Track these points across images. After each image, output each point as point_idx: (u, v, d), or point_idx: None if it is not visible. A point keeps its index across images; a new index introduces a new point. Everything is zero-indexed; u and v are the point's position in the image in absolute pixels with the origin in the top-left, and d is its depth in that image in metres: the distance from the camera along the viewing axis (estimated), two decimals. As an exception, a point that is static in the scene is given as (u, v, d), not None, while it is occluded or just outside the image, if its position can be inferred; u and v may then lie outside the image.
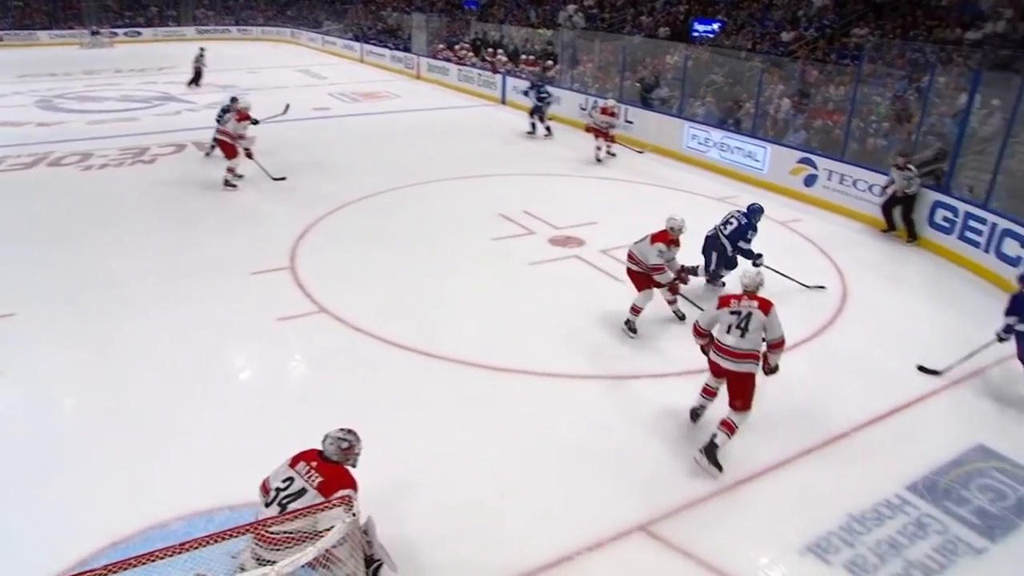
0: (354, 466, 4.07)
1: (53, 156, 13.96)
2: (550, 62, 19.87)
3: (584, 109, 16.76)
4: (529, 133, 16.17)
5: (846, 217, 11.15)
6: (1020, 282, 6.60)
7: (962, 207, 9.55)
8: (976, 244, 9.25)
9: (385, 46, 27.02)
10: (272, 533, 3.56)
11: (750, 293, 5.49)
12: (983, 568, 4.60)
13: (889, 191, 10.36)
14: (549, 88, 16.62)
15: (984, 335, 7.24)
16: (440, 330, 7.30)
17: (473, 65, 22.08)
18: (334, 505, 3.46)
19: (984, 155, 10.53)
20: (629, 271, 7.41)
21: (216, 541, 3.23)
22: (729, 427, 5.39)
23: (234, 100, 12.35)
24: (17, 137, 15.47)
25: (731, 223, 8.24)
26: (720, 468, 5.33)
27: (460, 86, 21.58)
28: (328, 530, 3.35)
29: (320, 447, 4.02)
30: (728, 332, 5.40)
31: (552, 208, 10.95)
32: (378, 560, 4.17)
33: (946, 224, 9.77)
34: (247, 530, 3.25)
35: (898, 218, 10.44)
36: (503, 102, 19.99)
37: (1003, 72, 12.08)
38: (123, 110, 18.58)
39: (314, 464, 3.94)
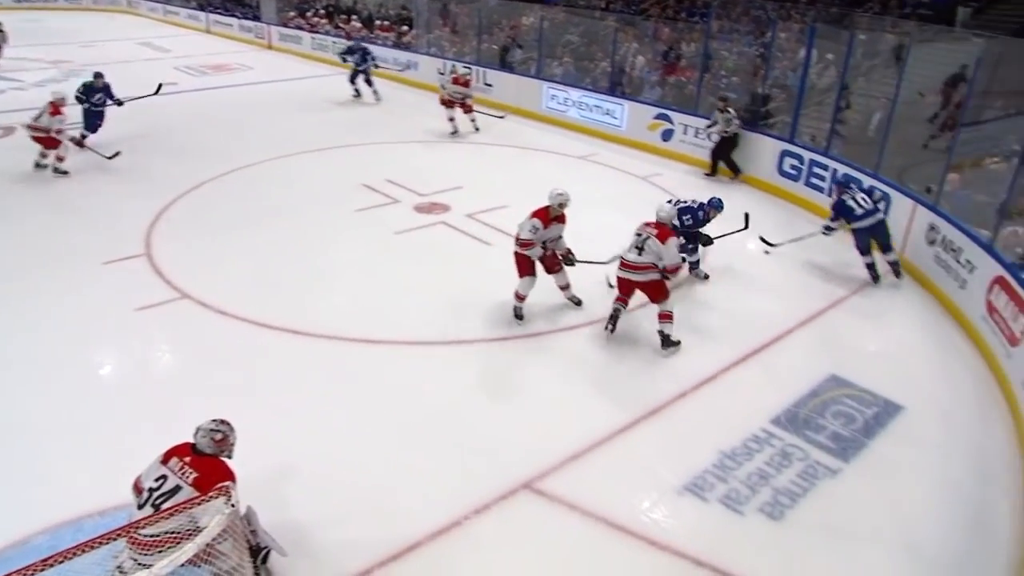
0: (230, 457, 3.91)
1: None
2: (405, 27, 19.47)
3: (442, 74, 16.56)
4: (355, 97, 15.93)
5: (702, 168, 11.59)
6: (837, 188, 8.31)
7: (807, 155, 10.13)
8: (821, 189, 9.85)
9: (232, 15, 25.65)
10: (147, 536, 3.37)
11: (656, 222, 6.45)
12: (839, 487, 4.98)
13: (714, 132, 11.14)
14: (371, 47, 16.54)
15: (829, 270, 7.82)
16: (311, 307, 7.09)
17: (327, 33, 21.33)
18: (212, 498, 3.30)
19: (823, 106, 11.22)
20: (515, 253, 6.89)
21: (85, 551, 3.01)
22: (665, 316, 6.41)
23: (98, 76, 11.79)
24: None
25: (687, 215, 7.74)
26: (678, 343, 6.45)
27: (315, 55, 20.83)
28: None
29: (192, 440, 3.84)
30: (630, 251, 6.39)
31: (416, 175, 10.81)
32: (265, 547, 4.05)
33: (793, 172, 10.34)
34: (119, 534, 3.04)
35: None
36: (360, 70, 19.47)
37: (836, 27, 12.82)
38: (-67, 91, 16.76)
39: (187, 459, 3.76)
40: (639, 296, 6.55)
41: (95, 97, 11.76)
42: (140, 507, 3.68)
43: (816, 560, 4.44)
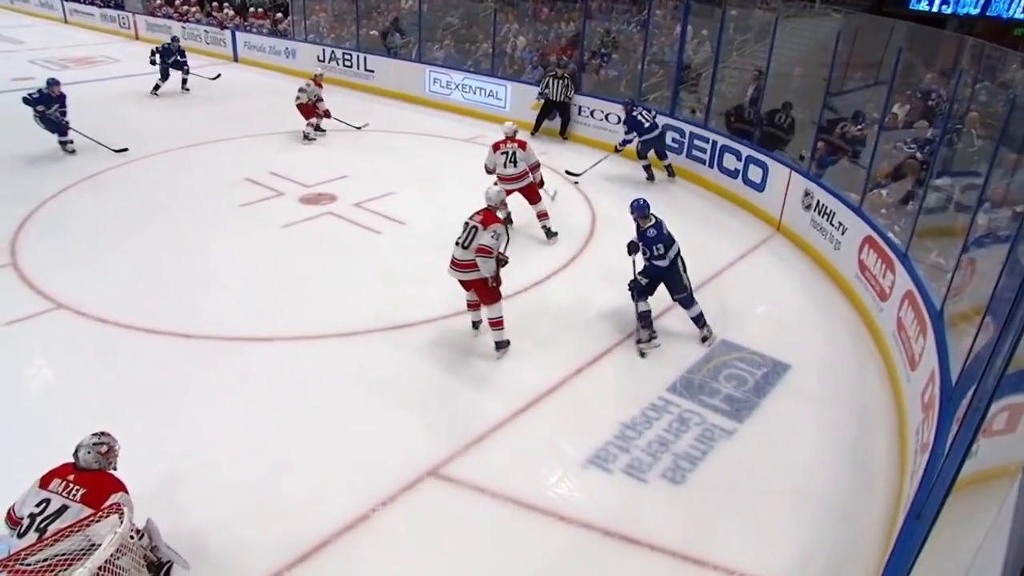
0: (115, 469, 3.70)
1: None
2: (280, 14, 18.82)
3: (322, 60, 16.14)
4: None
5: (588, 146, 11.73)
6: (626, 107, 10.04)
7: (688, 128, 10.39)
8: (703, 161, 10.14)
9: (93, 3, 24.08)
10: (35, 564, 3.13)
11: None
12: (735, 446, 5.15)
13: (545, 94, 11.98)
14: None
15: (715, 240, 8.05)
16: (198, 308, 6.74)
17: (199, 22, 20.37)
18: (105, 515, 3.09)
19: (700, 80, 11.56)
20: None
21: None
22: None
23: (52, 83, 10.78)
24: None
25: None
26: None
27: (186, 45, 19.72)
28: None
29: (73, 459, 3.61)
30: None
31: (300, 166, 10.48)
32: (168, 562, 3.85)
33: (675, 145, 10.60)
34: (16, 559, 2.80)
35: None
36: (236, 60, 18.72)
37: (710, 4, 13.19)
38: None
39: (71, 478, 3.56)
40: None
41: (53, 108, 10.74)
42: (22, 535, 3.42)
43: (719, 518, 4.57)
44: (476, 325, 6.39)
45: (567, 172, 10.40)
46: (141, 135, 11.80)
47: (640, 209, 6.28)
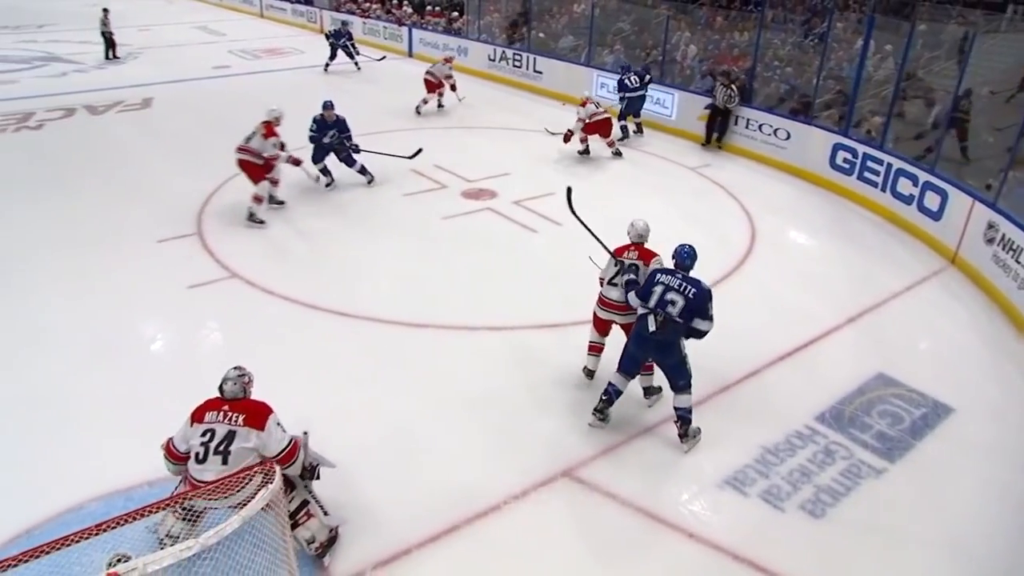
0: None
1: (-74, 125, 12.96)
2: (456, 13, 19.50)
3: (492, 60, 16.60)
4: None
5: (754, 161, 11.44)
6: (622, 70, 12.00)
7: (861, 148, 9.92)
8: (875, 184, 9.64)
9: (286, 0, 25.97)
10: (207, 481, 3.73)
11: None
12: (884, 487, 4.89)
13: (713, 102, 11.84)
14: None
15: (881, 268, 7.66)
16: (356, 289, 7.19)
17: (378, 18, 21.47)
18: (256, 472, 3.39)
19: (880, 98, 10.97)
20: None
21: (136, 518, 3.15)
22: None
23: (327, 107, 9.95)
24: None
25: None
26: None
27: (365, 40, 20.95)
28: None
29: (219, 393, 4.07)
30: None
31: (464, 161, 10.86)
32: (316, 464, 4.28)
33: (846, 165, 10.13)
34: (167, 504, 3.17)
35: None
36: (410, 55, 19.57)
37: (895, 18, 12.50)
38: (1, 72, 17.32)
39: (225, 408, 4.00)
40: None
41: (328, 135, 9.73)
42: (201, 461, 3.90)
43: (857, 559, 4.37)
44: (592, 374, 5.93)
45: (546, 129, 12.34)
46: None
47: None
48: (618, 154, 11.57)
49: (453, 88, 14.15)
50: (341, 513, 4.45)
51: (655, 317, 4.99)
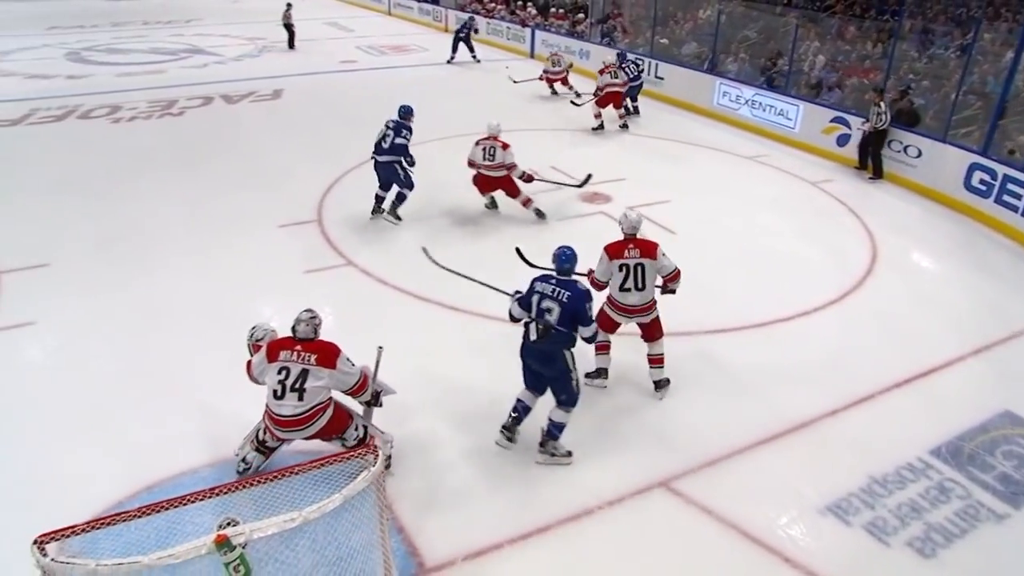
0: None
1: (83, 109, 14.02)
2: (581, 15, 19.51)
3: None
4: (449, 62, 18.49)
5: (905, 188, 10.82)
6: (619, 57, 12.77)
7: (1001, 170, 9.31)
8: (1014, 208, 9.03)
9: (413, -1, 26.70)
10: (288, 416, 4.40)
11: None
12: (1005, 534, 4.58)
13: (865, 127, 10.82)
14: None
15: (1013, 300, 7.18)
16: (463, 282, 7.28)
17: (503, 18, 21.75)
18: (360, 455, 3.50)
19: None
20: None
21: (245, 487, 3.33)
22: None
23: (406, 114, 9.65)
24: (47, 90, 15.54)
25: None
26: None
27: (488, 39, 21.27)
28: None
29: (292, 333, 4.49)
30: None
31: (580, 164, 10.80)
32: (379, 391, 4.71)
33: (983, 187, 9.54)
34: (274, 477, 3.32)
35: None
36: (532, 56, 19.72)
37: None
38: (151, 62, 18.56)
39: (298, 348, 4.42)
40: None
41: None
42: (279, 398, 4.38)
43: (968, 605, 4.14)
44: (607, 373, 5.89)
45: (572, 102, 13.54)
46: (441, 118, 12.89)
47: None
48: (625, 127, 12.96)
49: (565, 83, 15.18)
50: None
51: (536, 326, 4.82)
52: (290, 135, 12.28)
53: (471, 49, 18.63)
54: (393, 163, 8.55)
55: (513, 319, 5.05)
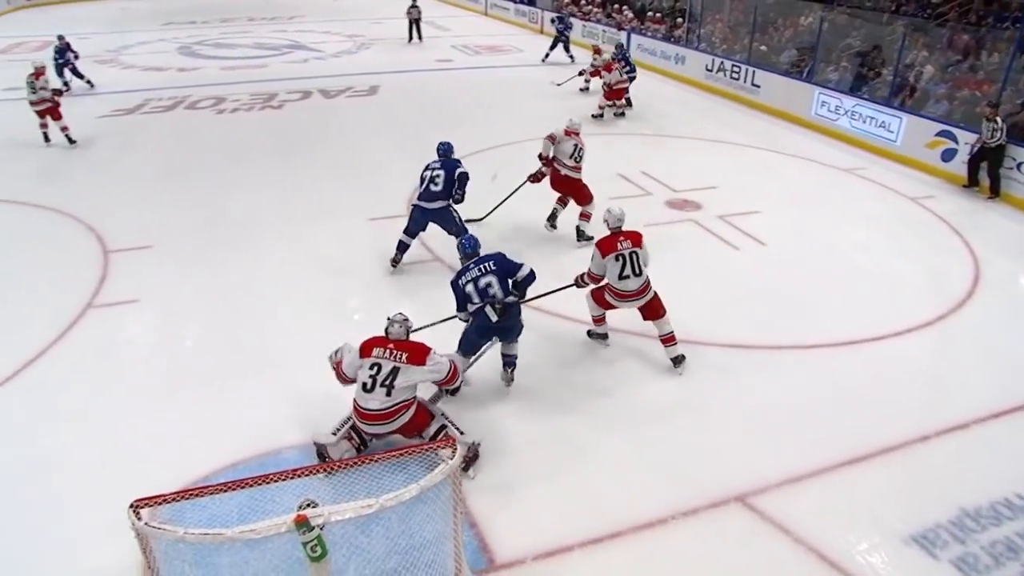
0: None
1: (190, 100, 14.71)
2: (679, 19, 19.26)
3: (710, 70, 16.26)
4: (544, 60, 18.67)
5: (985, 196, 10.39)
6: (619, 49, 13.96)
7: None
8: None
9: (510, 0, 26.88)
10: (374, 410, 4.65)
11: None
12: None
13: (976, 145, 10.26)
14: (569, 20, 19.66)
15: None
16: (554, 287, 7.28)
17: (599, 21, 21.67)
18: (438, 448, 3.56)
19: None
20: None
21: (325, 472, 3.43)
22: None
23: None
24: (160, 81, 16.39)
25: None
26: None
27: (583, 42, 21.18)
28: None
29: (385, 334, 4.80)
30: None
31: (671, 170, 10.72)
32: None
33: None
34: (354, 463, 3.41)
35: (984, 173, 10.34)
36: (625, 60, 19.58)
37: None
38: (254, 57, 19.30)
39: (391, 346, 4.71)
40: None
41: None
42: (369, 391, 4.63)
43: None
44: (598, 336, 6.41)
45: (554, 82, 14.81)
46: (532, 118, 12.94)
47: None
48: (621, 115, 13.75)
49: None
50: (474, 437, 4.98)
51: (492, 308, 5.31)
52: (384, 131, 12.55)
53: (567, 49, 18.64)
54: (447, 207, 7.56)
55: (464, 318, 5.57)
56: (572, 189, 8.45)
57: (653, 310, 5.98)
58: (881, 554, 4.37)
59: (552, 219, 8.56)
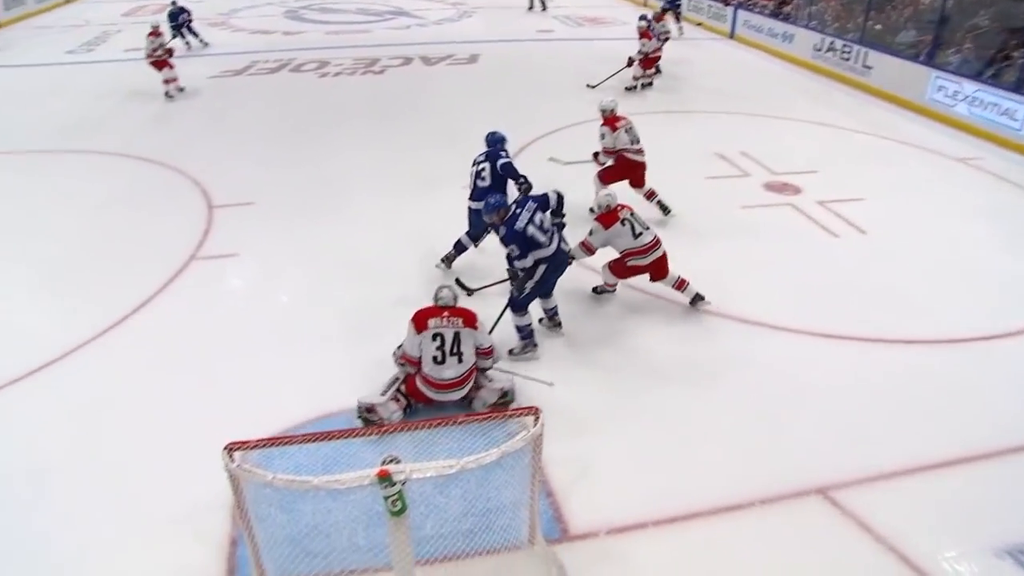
0: None
1: (295, 63, 15.12)
2: (789, -5, 18.55)
3: (819, 49, 15.63)
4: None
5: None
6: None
7: None
8: None
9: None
10: (453, 378, 4.87)
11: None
12: None
13: None
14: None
15: None
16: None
17: (704, -5, 21.10)
18: (524, 414, 3.56)
19: None
20: None
21: (407, 429, 3.52)
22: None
23: None
24: (266, 44, 16.93)
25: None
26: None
27: (687, 16, 20.68)
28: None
29: (434, 303, 4.93)
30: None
31: (771, 152, 10.37)
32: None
33: None
34: (438, 424, 3.48)
35: None
36: (731, 36, 19.01)
37: None
38: (358, 22, 19.63)
39: (445, 314, 4.85)
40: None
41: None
42: (441, 361, 4.80)
43: None
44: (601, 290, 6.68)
45: (588, 85, 12.83)
46: (637, 94, 12.77)
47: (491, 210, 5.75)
48: (649, 84, 13.50)
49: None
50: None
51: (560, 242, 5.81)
52: (482, 99, 12.60)
53: (677, 19, 18.22)
54: None
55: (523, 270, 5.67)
56: (635, 173, 8.24)
57: (662, 268, 6.26)
58: (970, 563, 4.19)
59: (663, 208, 8.33)
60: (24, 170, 9.71)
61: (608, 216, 6.11)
